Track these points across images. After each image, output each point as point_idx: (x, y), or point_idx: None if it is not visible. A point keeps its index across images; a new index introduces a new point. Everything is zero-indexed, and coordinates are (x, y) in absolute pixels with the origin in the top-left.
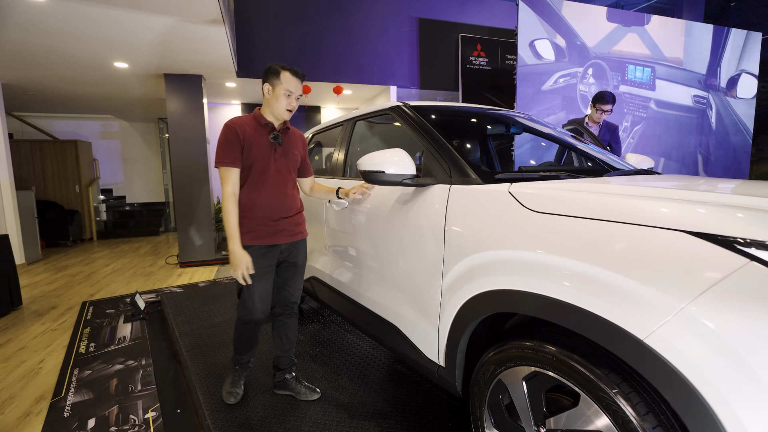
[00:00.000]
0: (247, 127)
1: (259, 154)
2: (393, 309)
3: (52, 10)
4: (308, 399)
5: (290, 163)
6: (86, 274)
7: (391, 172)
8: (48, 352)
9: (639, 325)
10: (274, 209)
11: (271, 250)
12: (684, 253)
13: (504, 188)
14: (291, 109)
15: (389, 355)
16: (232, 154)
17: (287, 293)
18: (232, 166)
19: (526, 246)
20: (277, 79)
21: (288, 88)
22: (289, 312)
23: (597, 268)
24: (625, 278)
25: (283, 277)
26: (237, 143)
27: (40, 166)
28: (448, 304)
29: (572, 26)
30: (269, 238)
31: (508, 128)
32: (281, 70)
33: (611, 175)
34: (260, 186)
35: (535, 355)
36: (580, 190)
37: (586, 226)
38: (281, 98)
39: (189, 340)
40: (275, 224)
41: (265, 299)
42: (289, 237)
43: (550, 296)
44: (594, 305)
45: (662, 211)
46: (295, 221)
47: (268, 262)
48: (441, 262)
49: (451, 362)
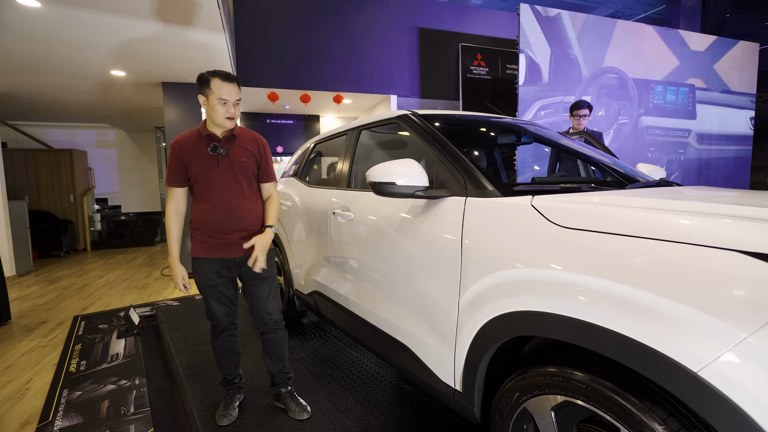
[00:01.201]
0: (188, 142)
1: (200, 168)
2: (403, 327)
3: (48, 17)
4: (297, 418)
5: (240, 171)
6: (79, 287)
7: (403, 184)
8: (36, 371)
9: (691, 356)
10: (225, 222)
11: (223, 261)
12: (742, 275)
13: (526, 201)
14: (231, 116)
15: (395, 373)
16: (171, 173)
17: (260, 310)
18: (172, 185)
19: (555, 264)
20: (208, 89)
21: (220, 96)
22: (270, 329)
23: (640, 291)
24: (674, 303)
25: (249, 292)
26: (176, 163)
27: (34, 176)
28: (465, 324)
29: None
30: (220, 251)
31: (519, 137)
32: (210, 77)
33: (633, 187)
34: (207, 199)
35: (565, 383)
36: (612, 204)
37: (626, 244)
38: (217, 107)
39: (185, 357)
40: (227, 237)
41: (223, 306)
42: (243, 251)
43: (585, 320)
44: (637, 332)
45: (714, 228)
46: (252, 234)
47: (222, 273)
48: (457, 280)
49: (469, 387)
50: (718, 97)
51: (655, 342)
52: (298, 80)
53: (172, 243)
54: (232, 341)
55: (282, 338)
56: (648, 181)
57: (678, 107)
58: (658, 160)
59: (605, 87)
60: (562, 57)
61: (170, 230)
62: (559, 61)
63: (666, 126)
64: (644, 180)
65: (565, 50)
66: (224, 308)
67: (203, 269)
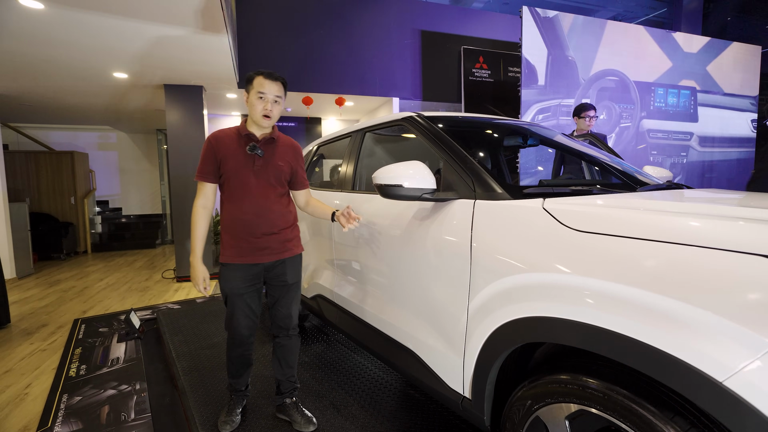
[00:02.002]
0: (226, 139)
1: (235, 167)
2: (410, 332)
3: (51, 19)
4: (303, 431)
5: (274, 175)
6: (79, 290)
7: (410, 186)
8: (35, 376)
9: (716, 365)
10: (256, 225)
11: (252, 268)
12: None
13: (537, 204)
14: (267, 113)
15: (400, 378)
16: (204, 167)
17: (280, 314)
18: (203, 180)
19: (570, 269)
20: (251, 85)
21: (260, 90)
22: (285, 334)
23: (661, 297)
24: (697, 310)
25: (273, 297)
26: (211, 157)
27: (35, 178)
28: (475, 330)
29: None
30: (250, 256)
31: (525, 139)
32: (254, 75)
33: (643, 190)
34: (239, 200)
35: (580, 391)
36: (628, 207)
37: (644, 248)
38: (255, 103)
39: (187, 362)
40: (257, 241)
41: (247, 319)
42: (274, 255)
43: (603, 327)
44: (657, 340)
45: (739, 232)
46: (283, 238)
47: (251, 280)
48: (467, 284)
49: (479, 394)
50: (719, 100)
51: (678, 350)
52: (301, 82)
53: (196, 240)
54: (247, 353)
55: (295, 345)
56: (657, 183)
57: (680, 110)
58: (661, 164)
59: (606, 90)
60: (560, 59)
61: (196, 227)
62: (557, 64)
63: (668, 129)
64: (653, 183)
65: (563, 52)
66: (248, 321)
67: (231, 276)
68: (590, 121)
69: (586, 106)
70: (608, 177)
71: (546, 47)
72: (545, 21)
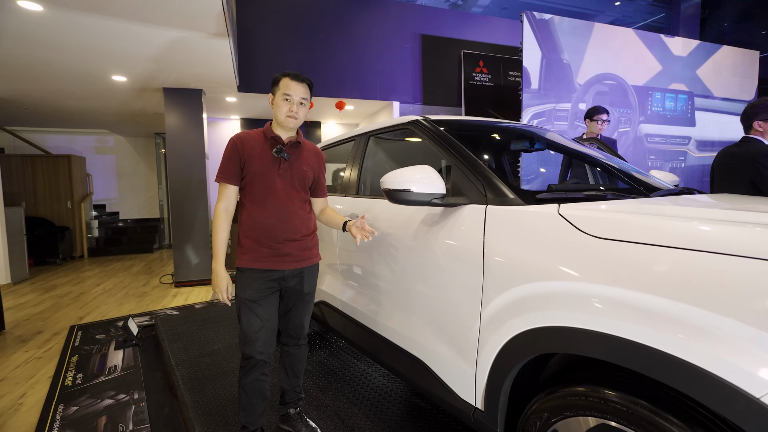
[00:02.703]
0: (251, 141)
1: (260, 169)
2: (418, 341)
3: (50, 22)
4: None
5: (298, 179)
6: (75, 295)
7: (419, 191)
8: (31, 385)
9: (753, 380)
10: (278, 230)
11: (271, 274)
12: None
13: (552, 210)
14: (292, 115)
15: (405, 387)
16: (227, 169)
17: (292, 323)
18: (227, 182)
19: (591, 277)
20: (277, 87)
21: (286, 92)
22: (295, 343)
23: (689, 307)
24: (731, 321)
25: (286, 305)
26: (235, 158)
27: (32, 182)
28: (488, 340)
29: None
30: (270, 262)
31: (532, 143)
32: (281, 77)
33: (657, 195)
34: (262, 204)
35: (601, 404)
36: (649, 213)
37: (671, 257)
38: (281, 104)
39: (186, 370)
40: (279, 247)
41: (265, 331)
42: (294, 263)
43: (627, 338)
44: (687, 352)
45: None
46: (304, 245)
47: (269, 287)
48: (479, 292)
49: (492, 405)
50: (716, 104)
51: (710, 364)
52: None
53: (219, 245)
54: (263, 381)
55: (303, 354)
56: (671, 189)
57: (677, 114)
58: (660, 168)
59: (604, 94)
60: (554, 62)
61: (219, 231)
62: (551, 67)
63: (666, 133)
64: (665, 188)
65: (557, 55)
66: (263, 334)
67: (247, 281)
68: (602, 124)
69: (598, 109)
70: (616, 182)
71: (540, 50)
72: (540, 23)
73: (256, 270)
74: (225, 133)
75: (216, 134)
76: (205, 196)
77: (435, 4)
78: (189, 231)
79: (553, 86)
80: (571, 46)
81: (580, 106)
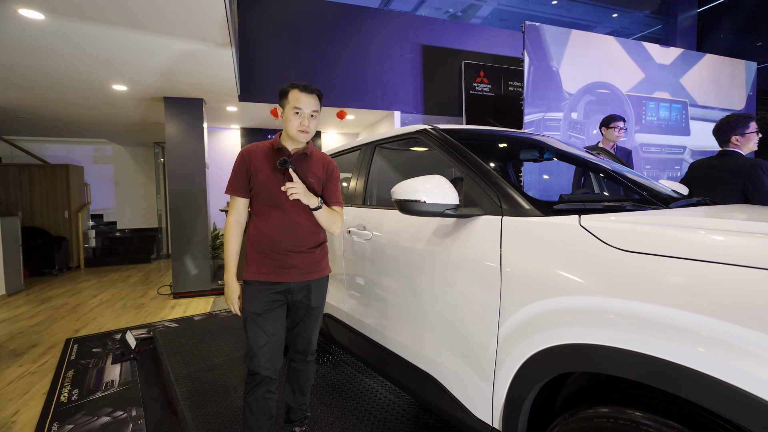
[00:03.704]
0: (258, 153)
1: (265, 181)
2: (429, 357)
3: (51, 30)
4: None
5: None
6: (71, 307)
7: (432, 202)
8: (24, 401)
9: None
10: (282, 242)
11: (276, 287)
12: None
13: (573, 221)
14: (304, 129)
15: (412, 402)
16: (237, 182)
17: (300, 338)
18: (235, 194)
19: (619, 292)
20: (286, 99)
21: (296, 106)
22: (302, 359)
23: (731, 326)
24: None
25: (293, 319)
26: (243, 170)
27: (28, 191)
28: (507, 356)
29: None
30: (275, 274)
31: (542, 153)
32: (290, 88)
33: (677, 206)
34: (267, 215)
35: (632, 427)
36: (677, 225)
37: (710, 272)
38: (291, 118)
39: (186, 385)
40: (283, 259)
41: (271, 346)
42: (300, 275)
43: (659, 357)
44: (728, 374)
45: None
46: (311, 257)
47: (275, 301)
48: (497, 307)
49: (511, 426)
50: (709, 114)
51: (755, 387)
52: None
53: (230, 257)
54: (269, 400)
55: (311, 371)
56: (689, 200)
57: (672, 124)
58: (656, 178)
59: (596, 103)
60: (541, 71)
61: (230, 243)
62: (539, 75)
63: (661, 143)
64: (682, 198)
65: (547, 63)
66: (269, 349)
67: (252, 294)
68: (619, 132)
69: (615, 117)
70: (629, 192)
71: (529, 58)
72: (529, 30)
73: (261, 282)
74: (225, 142)
75: (216, 144)
76: (205, 206)
77: (434, 15)
78: (188, 241)
79: (542, 95)
80: (557, 53)
81: (573, 115)
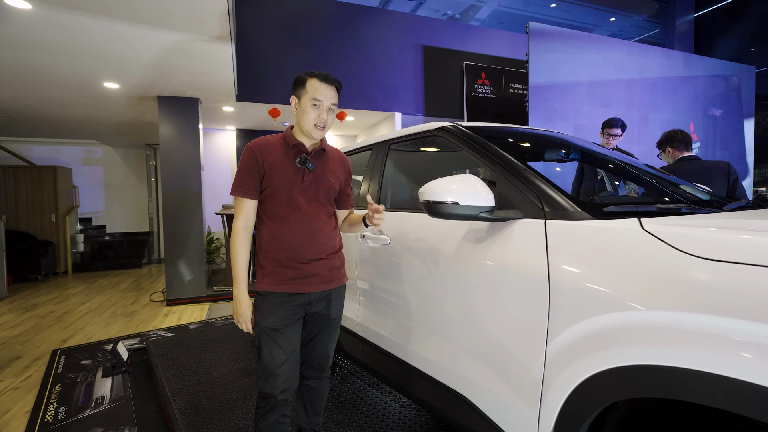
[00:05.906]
0: (271, 149)
1: (282, 181)
2: (460, 374)
3: (38, 22)
4: None
5: (324, 192)
6: (58, 315)
7: (466, 203)
8: (6, 421)
9: None
10: (303, 249)
11: (297, 298)
12: None
13: (633, 226)
14: (321, 123)
15: (429, 418)
16: (246, 181)
17: (316, 353)
18: (245, 196)
19: (698, 307)
20: (303, 89)
21: (315, 97)
22: (318, 376)
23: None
24: None
25: (310, 332)
26: (254, 169)
27: (13, 194)
28: (556, 378)
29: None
30: (296, 284)
31: (568, 151)
32: (308, 77)
33: (730, 209)
34: (285, 219)
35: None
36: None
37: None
38: (308, 110)
39: (184, 401)
40: (304, 267)
41: (289, 365)
42: (321, 284)
43: (755, 383)
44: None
45: None
46: (331, 264)
47: (293, 314)
48: (544, 322)
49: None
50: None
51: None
52: None
53: (240, 268)
54: (283, 425)
55: (326, 388)
56: (740, 202)
57: None
58: None
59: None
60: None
61: (239, 252)
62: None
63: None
64: (739, 202)
65: (550, 64)
66: (287, 368)
67: (269, 307)
68: (611, 139)
69: (610, 122)
70: (657, 194)
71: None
72: (534, 31)
73: (279, 294)
74: (219, 144)
75: (210, 145)
76: (200, 209)
77: (433, 17)
78: (182, 245)
79: (547, 96)
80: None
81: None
